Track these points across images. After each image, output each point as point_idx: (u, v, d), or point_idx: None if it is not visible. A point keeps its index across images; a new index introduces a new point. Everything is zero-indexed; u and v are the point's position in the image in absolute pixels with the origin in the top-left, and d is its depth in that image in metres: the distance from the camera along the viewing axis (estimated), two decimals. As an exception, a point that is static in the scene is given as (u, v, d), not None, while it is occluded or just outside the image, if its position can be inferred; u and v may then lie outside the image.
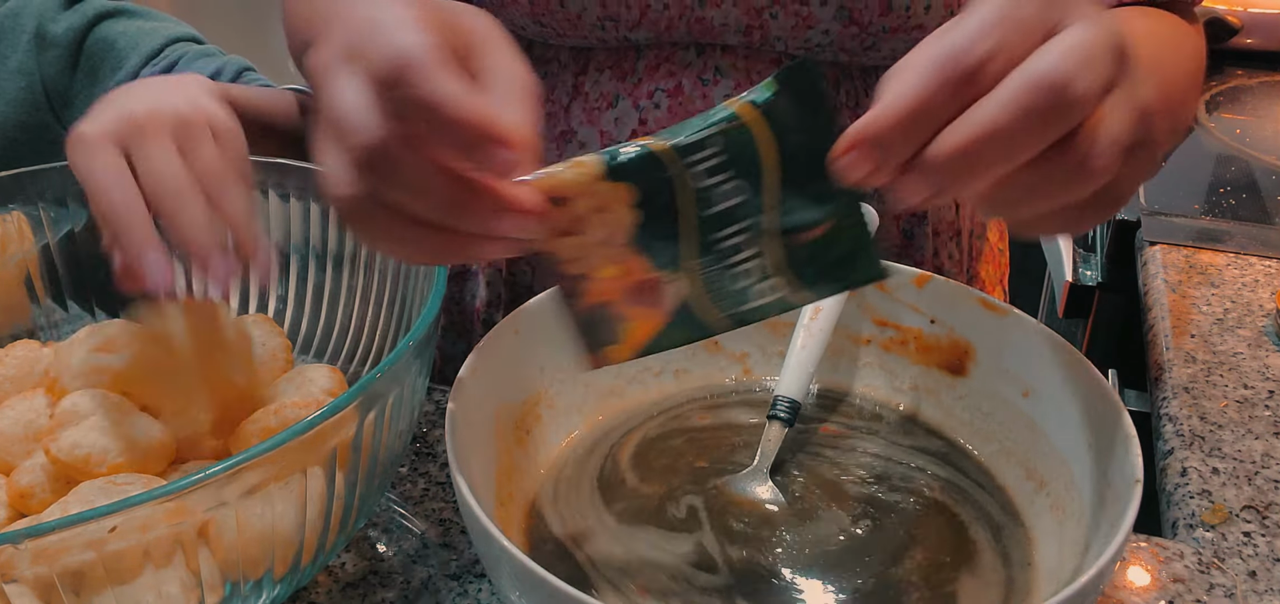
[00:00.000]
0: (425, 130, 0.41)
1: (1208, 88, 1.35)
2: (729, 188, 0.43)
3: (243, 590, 0.50)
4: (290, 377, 0.57)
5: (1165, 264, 0.92)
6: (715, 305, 0.45)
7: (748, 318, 0.45)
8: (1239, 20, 1.40)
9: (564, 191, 0.43)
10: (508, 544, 0.43)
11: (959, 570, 0.51)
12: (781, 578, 0.50)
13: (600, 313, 0.45)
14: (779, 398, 0.57)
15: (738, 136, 0.42)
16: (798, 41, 0.72)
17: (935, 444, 0.60)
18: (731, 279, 0.44)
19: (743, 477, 0.56)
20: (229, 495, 0.45)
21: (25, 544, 0.41)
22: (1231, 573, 0.59)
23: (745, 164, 0.42)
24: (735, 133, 0.42)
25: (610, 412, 0.61)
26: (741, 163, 0.42)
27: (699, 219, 0.43)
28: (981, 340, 0.59)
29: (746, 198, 0.43)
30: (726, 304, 0.45)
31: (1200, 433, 0.70)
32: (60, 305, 0.66)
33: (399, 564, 0.57)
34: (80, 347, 0.56)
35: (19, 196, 0.64)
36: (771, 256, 0.44)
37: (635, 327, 0.45)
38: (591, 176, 0.43)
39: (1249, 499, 0.64)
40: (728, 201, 0.43)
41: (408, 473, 0.63)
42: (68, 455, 0.50)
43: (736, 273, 0.44)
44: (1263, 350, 0.79)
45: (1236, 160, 1.17)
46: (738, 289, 0.45)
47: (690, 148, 0.42)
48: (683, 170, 0.42)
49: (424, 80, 0.40)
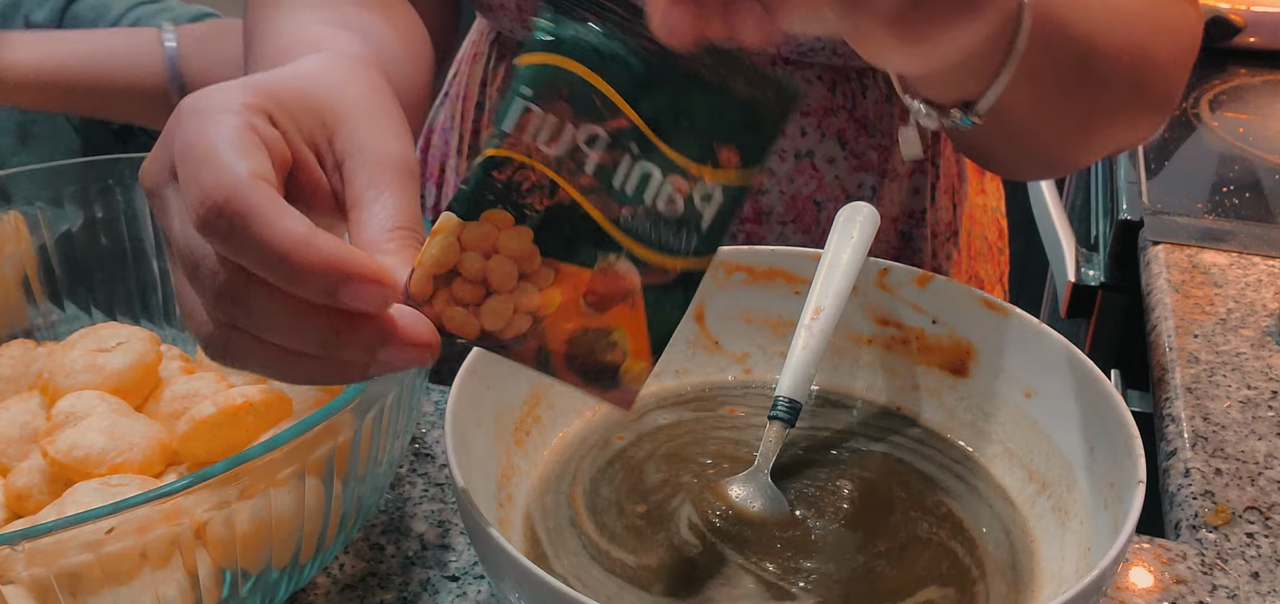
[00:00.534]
0: (270, 278, 0.37)
1: (1211, 87, 1.34)
2: (583, 138, 0.39)
3: (241, 592, 0.50)
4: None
5: (1168, 264, 0.92)
6: (675, 253, 0.41)
7: (714, 238, 0.41)
8: (1241, 19, 1.39)
9: (441, 265, 0.39)
10: (507, 545, 0.42)
11: (961, 572, 0.51)
12: (781, 579, 0.50)
13: (583, 344, 0.41)
14: (779, 398, 0.56)
15: (548, 85, 0.39)
16: (788, 46, 0.71)
17: (936, 445, 0.59)
18: (664, 216, 0.40)
19: (743, 477, 0.55)
20: (227, 497, 0.45)
21: (22, 545, 0.41)
22: (1234, 574, 0.58)
23: (577, 105, 0.39)
24: (544, 83, 0.38)
25: (610, 412, 0.61)
26: (572, 106, 0.39)
27: (580, 187, 0.39)
28: (983, 341, 0.59)
29: (605, 133, 0.39)
30: (683, 241, 0.41)
31: (1203, 434, 0.69)
32: (57, 305, 0.66)
33: (398, 565, 0.57)
34: (76, 348, 0.56)
35: (15, 196, 0.64)
36: (681, 163, 0.40)
37: (627, 331, 0.41)
38: (452, 232, 0.39)
39: (1252, 500, 0.64)
40: (593, 150, 0.39)
41: (407, 473, 0.63)
42: (66, 457, 0.50)
43: (660, 207, 0.40)
44: (1266, 351, 0.78)
45: (1239, 160, 1.16)
46: (677, 218, 0.40)
47: (516, 128, 0.39)
48: (529, 152, 0.39)
49: (249, 225, 0.36)
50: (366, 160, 0.42)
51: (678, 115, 0.40)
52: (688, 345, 0.63)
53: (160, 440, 0.52)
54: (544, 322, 0.40)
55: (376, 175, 0.42)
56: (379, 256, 0.40)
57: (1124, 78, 0.59)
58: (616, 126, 0.39)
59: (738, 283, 0.63)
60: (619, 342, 0.41)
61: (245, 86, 0.43)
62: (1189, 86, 1.34)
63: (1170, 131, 1.24)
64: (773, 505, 0.54)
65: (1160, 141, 1.21)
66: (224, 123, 0.40)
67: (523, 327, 0.40)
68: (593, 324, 0.41)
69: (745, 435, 0.59)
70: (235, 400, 0.50)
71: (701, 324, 0.63)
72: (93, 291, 0.67)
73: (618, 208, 0.40)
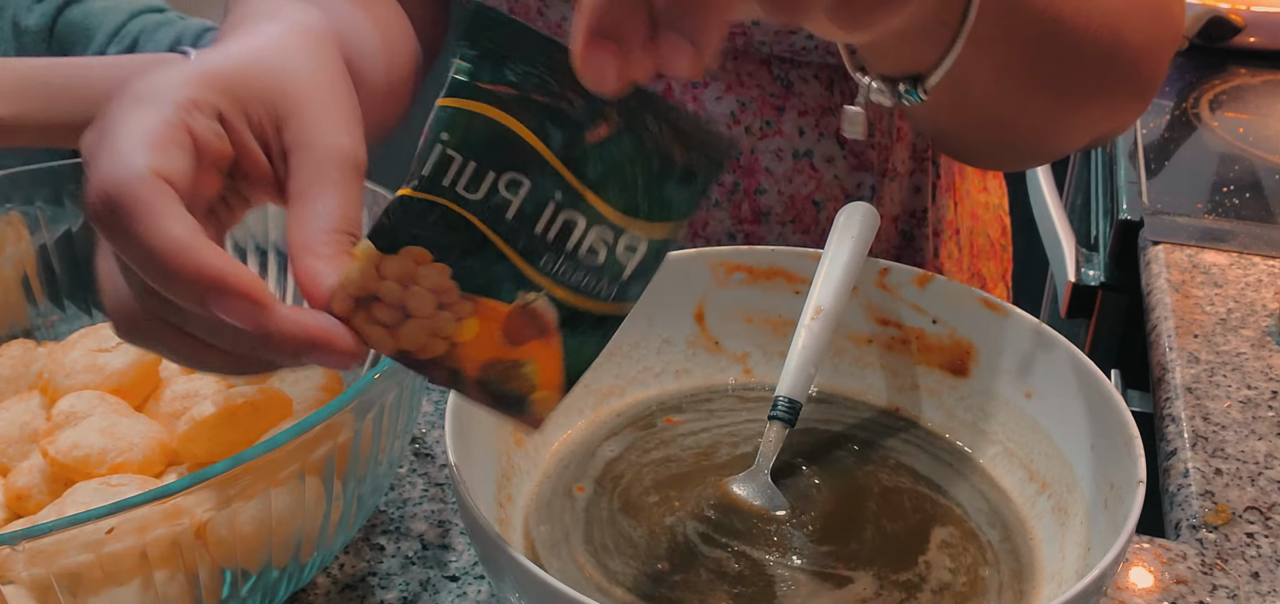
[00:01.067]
0: (145, 277, 0.38)
1: (1211, 86, 1.34)
2: (504, 184, 0.39)
3: (241, 592, 0.50)
4: (283, 373, 0.57)
5: (1168, 264, 0.92)
6: (592, 296, 0.40)
7: (636, 287, 0.41)
8: (1241, 19, 1.39)
9: (360, 290, 0.39)
10: (507, 546, 0.42)
11: (961, 572, 0.51)
12: (782, 579, 0.50)
13: (495, 373, 0.41)
14: (780, 398, 0.56)
15: (468, 132, 0.38)
16: (783, 44, 0.71)
17: (937, 445, 0.59)
18: (585, 263, 0.40)
19: (743, 477, 0.55)
20: (227, 497, 0.45)
21: (22, 545, 0.41)
22: (1234, 574, 0.58)
23: (497, 152, 0.38)
24: (463, 129, 0.38)
25: (610, 412, 0.61)
26: (493, 154, 0.38)
27: (501, 232, 0.39)
28: (983, 341, 0.59)
29: (528, 181, 0.38)
30: (603, 288, 0.40)
31: (1203, 434, 0.69)
32: (56, 306, 0.66)
33: (398, 565, 0.57)
34: (76, 348, 0.56)
35: (15, 196, 0.64)
36: (606, 214, 0.39)
37: (539, 364, 0.41)
38: (371, 261, 0.39)
39: (1252, 500, 0.64)
40: (515, 196, 0.39)
41: (407, 474, 0.63)
42: (66, 457, 0.50)
43: (582, 255, 0.40)
44: (1266, 351, 0.78)
45: (1240, 159, 1.16)
46: (599, 267, 0.40)
47: (434, 173, 0.38)
48: (449, 196, 0.38)
49: (132, 221, 0.37)
50: (312, 155, 0.42)
51: (604, 165, 0.39)
52: (688, 345, 0.63)
53: (160, 440, 0.52)
54: (459, 348, 0.40)
55: (321, 172, 0.42)
56: (311, 260, 0.40)
57: (1096, 57, 0.57)
58: (540, 175, 0.39)
59: (738, 283, 0.63)
60: (531, 374, 0.41)
61: (195, 75, 0.43)
62: (1189, 86, 1.34)
63: (1170, 131, 1.24)
64: (772, 505, 0.54)
65: (1160, 141, 1.21)
66: (149, 114, 0.40)
67: (439, 350, 0.40)
68: (507, 355, 0.41)
69: (745, 435, 0.59)
70: (235, 400, 0.50)
71: (701, 324, 0.63)
72: (93, 291, 0.67)
73: (539, 252, 0.39)
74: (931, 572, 0.51)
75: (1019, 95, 0.57)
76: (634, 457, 0.58)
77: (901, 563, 0.51)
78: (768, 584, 0.50)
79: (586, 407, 0.60)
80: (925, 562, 0.52)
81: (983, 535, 0.53)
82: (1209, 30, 1.40)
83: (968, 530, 0.54)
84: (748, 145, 0.73)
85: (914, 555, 0.52)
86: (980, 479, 0.57)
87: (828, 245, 0.60)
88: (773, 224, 0.76)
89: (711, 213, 0.75)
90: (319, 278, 0.39)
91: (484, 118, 0.38)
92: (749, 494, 0.55)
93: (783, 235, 0.76)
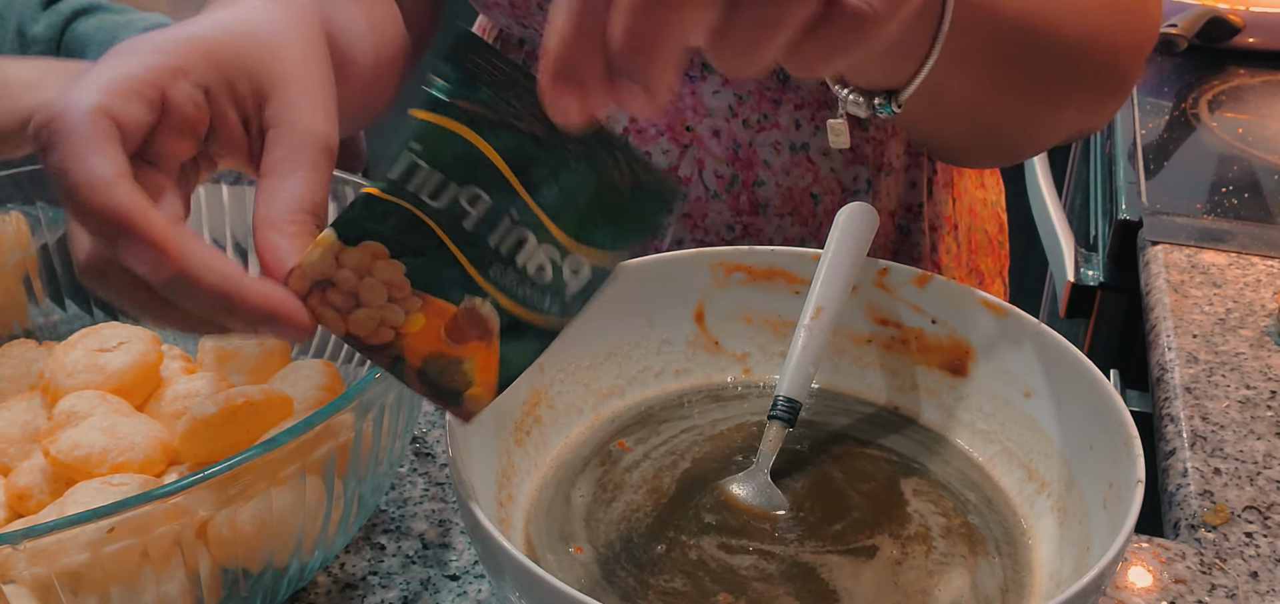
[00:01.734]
0: (65, 205, 0.39)
1: (1210, 87, 1.35)
2: (465, 197, 0.41)
3: (242, 591, 0.50)
4: (284, 373, 0.57)
5: (1167, 264, 0.92)
6: (535, 309, 0.43)
7: (577, 305, 0.44)
8: (1241, 19, 1.39)
9: (318, 274, 0.41)
10: (507, 545, 0.42)
11: (960, 571, 0.51)
12: (781, 578, 0.50)
13: (436, 366, 0.43)
14: (779, 398, 0.57)
15: (438, 145, 0.40)
16: None
17: (936, 445, 0.60)
18: (532, 278, 0.43)
19: (743, 477, 0.55)
20: (228, 496, 0.45)
21: (23, 545, 0.41)
22: (1233, 573, 0.58)
23: (462, 167, 0.41)
24: (434, 142, 0.40)
25: (610, 412, 0.61)
26: (459, 168, 0.41)
27: (457, 240, 0.42)
28: (982, 341, 0.59)
29: (488, 197, 0.41)
30: (546, 303, 0.43)
31: (1202, 433, 0.70)
32: (58, 305, 0.66)
33: (398, 565, 0.57)
34: (77, 348, 0.56)
35: (17, 197, 0.64)
36: (556, 236, 0.42)
37: (478, 363, 0.43)
38: (331, 249, 0.41)
39: (1251, 500, 0.64)
40: (474, 209, 0.41)
41: (407, 473, 0.63)
42: (68, 456, 0.50)
43: (530, 270, 0.43)
44: (1265, 350, 0.79)
45: (1238, 160, 1.16)
46: (545, 284, 0.43)
47: (402, 178, 0.40)
48: (412, 201, 0.41)
49: (60, 146, 0.39)
50: (289, 134, 0.44)
51: (560, 191, 0.42)
52: (688, 346, 0.63)
53: (162, 440, 0.52)
54: (405, 338, 0.43)
55: (294, 151, 0.44)
56: (275, 235, 0.42)
57: (1072, 60, 0.58)
58: (499, 192, 0.41)
59: (738, 283, 0.63)
60: (469, 372, 0.43)
61: (188, 42, 0.45)
62: (1188, 87, 1.35)
63: (1169, 132, 1.24)
64: (772, 504, 0.54)
65: (1159, 142, 1.21)
66: (123, 64, 0.42)
67: (385, 337, 0.43)
68: (449, 351, 0.43)
69: (745, 435, 0.59)
70: (236, 400, 0.51)
71: (701, 324, 0.63)
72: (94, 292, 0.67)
73: (490, 262, 0.42)
74: (930, 571, 0.51)
75: (995, 100, 0.58)
76: (633, 457, 0.58)
77: (900, 562, 0.52)
78: (766, 583, 0.50)
79: (587, 407, 0.60)
80: (923, 560, 0.52)
81: (981, 534, 0.53)
82: (1208, 31, 1.40)
83: (966, 529, 0.54)
84: (746, 138, 0.74)
85: (912, 554, 0.52)
86: (979, 478, 0.57)
87: (827, 246, 0.60)
88: (770, 215, 0.76)
89: (710, 204, 0.75)
90: (280, 253, 0.42)
91: (455, 135, 0.40)
92: (748, 494, 0.55)
93: (780, 227, 0.76)
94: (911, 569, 0.51)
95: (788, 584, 0.50)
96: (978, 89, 0.56)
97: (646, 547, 0.52)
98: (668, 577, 0.50)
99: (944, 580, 0.51)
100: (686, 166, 0.74)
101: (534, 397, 0.58)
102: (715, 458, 0.58)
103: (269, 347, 0.59)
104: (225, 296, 0.41)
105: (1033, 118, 0.62)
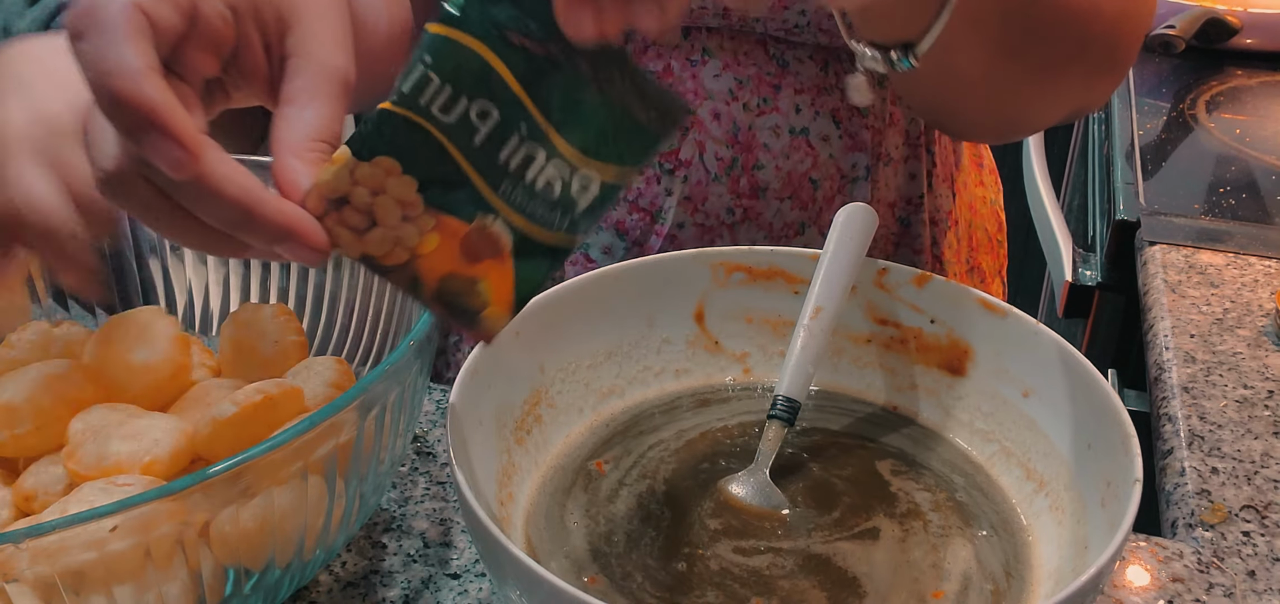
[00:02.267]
0: (91, 92, 0.39)
1: (1208, 88, 1.35)
2: (475, 111, 0.42)
3: (244, 590, 0.50)
4: (297, 370, 0.57)
5: (1165, 264, 0.92)
6: (545, 226, 0.44)
7: (586, 222, 0.44)
8: (1238, 20, 1.40)
9: (334, 191, 0.42)
10: (508, 544, 0.43)
11: (958, 570, 0.51)
12: (801, 572, 0.50)
13: (451, 286, 0.44)
14: (779, 397, 0.57)
15: (449, 57, 0.41)
16: (776, 23, 0.72)
17: (935, 444, 0.60)
18: (542, 194, 0.43)
19: (742, 476, 0.56)
20: (230, 495, 0.45)
21: (26, 544, 0.41)
22: (1230, 572, 0.59)
23: (474, 81, 0.41)
24: (446, 55, 0.41)
25: (610, 411, 0.61)
26: (469, 81, 0.41)
27: (468, 155, 0.42)
28: (981, 340, 0.60)
29: (497, 111, 0.42)
30: (557, 219, 0.44)
31: (1199, 433, 0.70)
32: (61, 305, 0.66)
33: (399, 564, 0.57)
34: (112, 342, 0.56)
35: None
36: (565, 152, 0.43)
37: (492, 283, 0.44)
38: (346, 166, 0.42)
39: (1248, 499, 0.64)
40: (484, 124, 0.42)
41: (408, 473, 0.63)
42: (94, 470, 0.50)
43: (539, 186, 0.43)
44: (1262, 350, 0.79)
45: (1236, 160, 1.17)
46: (554, 199, 0.44)
47: (413, 91, 0.41)
48: (424, 115, 0.42)
49: (94, 35, 0.39)
50: (308, 65, 0.45)
51: (569, 108, 0.42)
52: (688, 345, 0.64)
53: (184, 430, 0.52)
54: (420, 259, 0.44)
55: (313, 82, 0.45)
56: (292, 159, 0.43)
57: (1077, 26, 0.60)
58: (509, 107, 0.42)
59: (737, 283, 0.63)
60: (484, 292, 0.45)
61: None
62: (1186, 87, 1.35)
63: (1167, 132, 1.24)
64: (772, 503, 0.54)
65: (1157, 142, 1.21)
66: None
67: (401, 258, 0.44)
68: (463, 271, 0.44)
69: (744, 435, 0.60)
70: (254, 398, 0.51)
71: (701, 324, 0.63)
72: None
73: (500, 178, 0.43)
74: (928, 570, 0.51)
75: (1003, 67, 0.60)
76: (633, 456, 0.58)
77: (899, 561, 0.52)
78: (765, 583, 0.50)
79: (587, 406, 0.60)
80: (922, 560, 0.52)
81: (980, 533, 0.54)
82: (1206, 32, 1.40)
83: (965, 528, 0.54)
84: (746, 122, 0.75)
85: (911, 554, 0.52)
86: (978, 477, 0.57)
87: (827, 245, 0.60)
88: (770, 199, 0.76)
89: (711, 187, 0.75)
90: (297, 176, 0.43)
91: (467, 48, 0.41)
92: (748, 493, 0.55)
93: (780, 211, 0.77)
94: (910, 569, 0.51)
95: (810, 577, 0.50)
96: (984, 48, 0.58)
97: (644, 546, 0.52)
98: (698, 592, 0.50)
99: (950, 551, 0.51)
100: (687, 149, 0.75)
101: (534, 396, 0.58)
102: (714, 457, 0.58)
103: (285, 344, 0.59)
104: (245, 209, 0.41)
105: (1037, 87, 0.63)
